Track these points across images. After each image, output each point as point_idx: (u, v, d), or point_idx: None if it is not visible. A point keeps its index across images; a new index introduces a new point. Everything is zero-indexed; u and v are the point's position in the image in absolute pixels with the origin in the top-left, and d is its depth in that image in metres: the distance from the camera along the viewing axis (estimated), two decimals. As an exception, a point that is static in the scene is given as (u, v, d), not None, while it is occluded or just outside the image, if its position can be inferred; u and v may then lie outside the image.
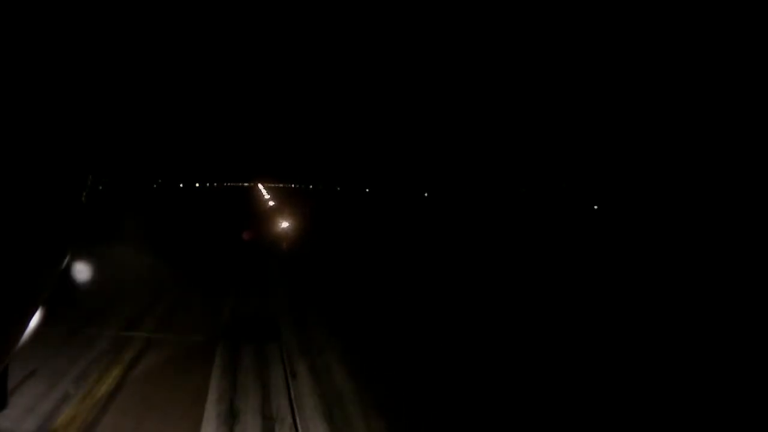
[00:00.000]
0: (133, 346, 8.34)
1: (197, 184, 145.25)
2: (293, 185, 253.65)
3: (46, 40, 4.27)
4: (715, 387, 8.56)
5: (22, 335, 4.27)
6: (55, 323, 8.13)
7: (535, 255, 25.93)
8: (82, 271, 13.59)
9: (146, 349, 8.26)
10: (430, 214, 57.84)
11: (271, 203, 62.74)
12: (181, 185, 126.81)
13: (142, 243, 20.54)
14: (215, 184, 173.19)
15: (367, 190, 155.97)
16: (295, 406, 6.48)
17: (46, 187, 4.08)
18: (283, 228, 28.26)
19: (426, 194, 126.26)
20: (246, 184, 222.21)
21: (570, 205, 78.55)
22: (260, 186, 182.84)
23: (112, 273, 13.47)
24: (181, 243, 22.60)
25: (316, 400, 6.71)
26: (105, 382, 6.86)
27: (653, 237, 40.45)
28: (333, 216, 49.82)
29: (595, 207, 73.34)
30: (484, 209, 70.02)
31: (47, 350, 7.44)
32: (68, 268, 4.78)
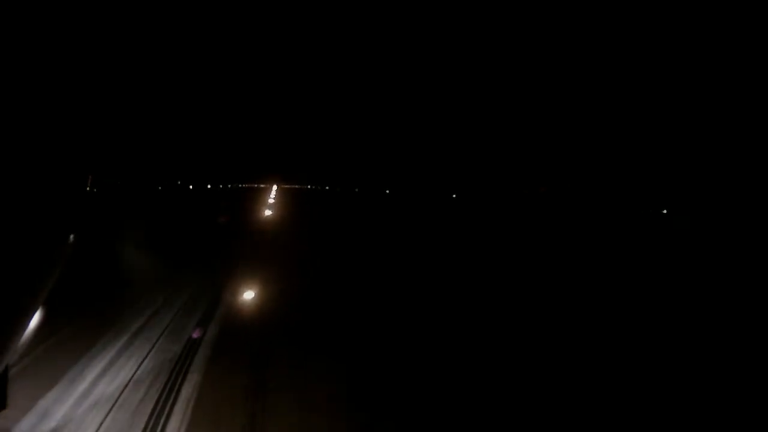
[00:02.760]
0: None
1: (209, 186, 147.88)
2: (309, 186, 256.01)
3: (62, 44, 4.59)
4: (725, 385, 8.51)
5: (22, 335, 4.61)
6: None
7: (560, 260, 25.79)
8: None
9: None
10: (464, 221, 53.80)
11: (268, 212, 52.80)
12: (190, 187, 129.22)
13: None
14: (229, 186, 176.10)
15: (387, 191, 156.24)
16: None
17: (46, 188, 4.40)
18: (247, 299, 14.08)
19: (454, 195, 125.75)
20: (261, 185, 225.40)
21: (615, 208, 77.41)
22: (274, 187, 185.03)
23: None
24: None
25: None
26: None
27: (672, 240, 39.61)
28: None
29: (664, 211, 71.22)
30: (516, 213, 69.49)
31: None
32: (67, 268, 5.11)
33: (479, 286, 18.17)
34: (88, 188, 4.98)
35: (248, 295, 14.57)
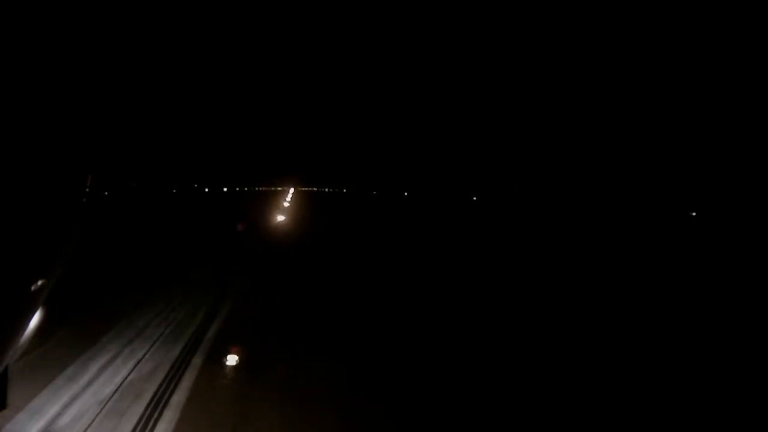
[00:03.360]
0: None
1: (225, 189, 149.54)
2: (326, 189, 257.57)
3: (79, 45, 4.67)
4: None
5: (22, 335, 4.67)
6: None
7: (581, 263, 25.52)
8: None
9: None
10: (485, 223, 52.00)
11: (281, 218, 50.00)
12: (206, 189, 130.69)
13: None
14: (245, 189, 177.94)
15: (406, 193, 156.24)
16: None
17: (45, 187, 4.46)
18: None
19: (474, 198, 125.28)
20: (278, 188, 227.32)
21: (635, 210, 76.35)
22: (291, 190, 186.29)
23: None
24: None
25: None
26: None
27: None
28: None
29: (693, 213, 70.28)
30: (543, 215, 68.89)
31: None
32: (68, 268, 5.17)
33: (497, 287, 18.07)
34: (87, 188, 5.04)
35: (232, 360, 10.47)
